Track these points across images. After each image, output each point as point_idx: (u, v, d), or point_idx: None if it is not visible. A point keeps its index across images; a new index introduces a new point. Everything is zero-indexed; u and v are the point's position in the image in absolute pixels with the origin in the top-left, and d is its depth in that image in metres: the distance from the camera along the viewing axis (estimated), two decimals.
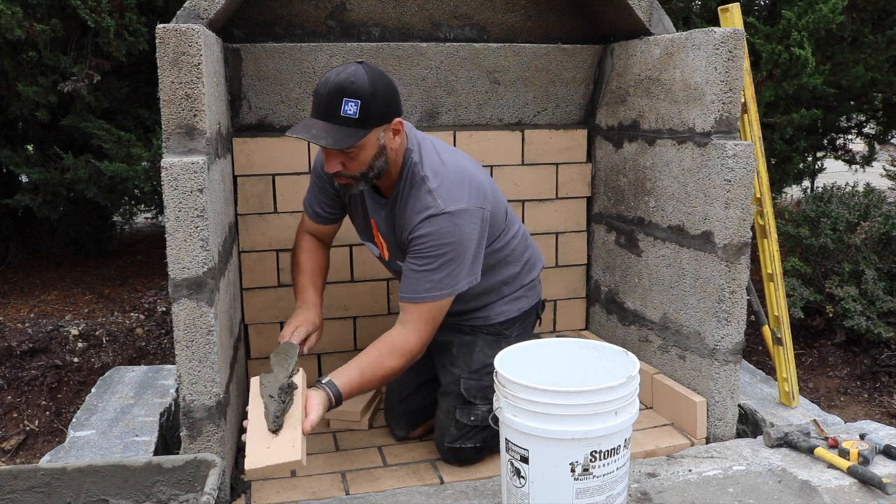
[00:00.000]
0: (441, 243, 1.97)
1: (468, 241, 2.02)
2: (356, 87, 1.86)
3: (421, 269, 1.99)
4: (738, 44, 2.21)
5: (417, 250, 2.00)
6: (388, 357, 1.99)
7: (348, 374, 1.94)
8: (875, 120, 5.05)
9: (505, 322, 2.30)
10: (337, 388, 1.91)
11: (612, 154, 2.85)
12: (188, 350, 1.88)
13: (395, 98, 1.97)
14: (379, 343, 2.01)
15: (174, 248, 1.83)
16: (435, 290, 2.00)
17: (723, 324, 2.28)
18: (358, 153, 1.93)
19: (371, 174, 1.99)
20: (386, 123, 1.95)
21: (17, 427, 2.84)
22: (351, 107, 1.86)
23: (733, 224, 2.23)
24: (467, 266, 2.03)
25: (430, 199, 1.98)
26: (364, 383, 1.96)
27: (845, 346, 3.32)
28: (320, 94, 1.89)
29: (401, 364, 2.00)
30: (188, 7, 2.15)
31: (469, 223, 2.01)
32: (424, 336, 2.03)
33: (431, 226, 1.97)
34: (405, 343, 2.00)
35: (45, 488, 1.72)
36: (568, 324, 3.12)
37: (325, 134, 1.87)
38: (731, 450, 2.24)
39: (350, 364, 1.97)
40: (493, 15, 2.79)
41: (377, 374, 1.98)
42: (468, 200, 2.01)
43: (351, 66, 1.90)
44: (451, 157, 2.10)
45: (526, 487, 1.73)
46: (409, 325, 2.02)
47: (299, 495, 2.07)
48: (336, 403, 1.91)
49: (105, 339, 3.33)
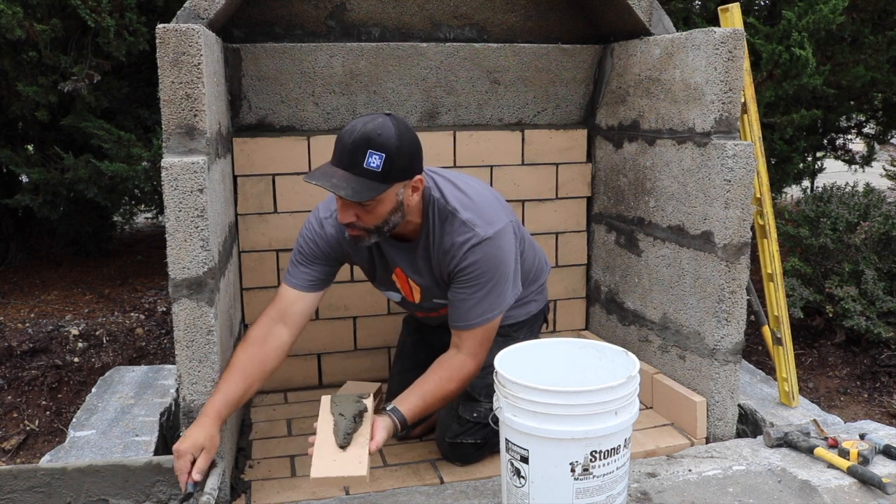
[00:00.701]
0: (488, 268, 1.99)
1: (509, 259, 2.05)
2: (382, 141, 1.81)
3: (472, 297, 2.01)
4: (738, 44, 2.21)
5: (465, 280, 2.00)
6: (447, 381, 2.01)
7: (412, 401, 1.97)
8: (875, 120, 5.05)
9: (514, 325, 2.30)
10: (402, 413, 1.94)
11: (612, 154, 2.85)
12: (188, 350, 1.88)
13: (418, 155, 1.93)
14: (439, 368, 2.03)
15: (174, 248, 1.84)
16: (487, 312, 2.02)
17: (723, 324, 2.28)
18: (375, 207, 1.88)
19: (385, 228, 1.95)
20: (407, 180, 1.91)
21: (18, 427, 2.84)
22: (375, 160, 1.81)
23: (733, 224, 2.23)
24: (511, 281, 2.07)
25: (466, 229, 1.99)
26: (427, 408, 2.00)
27: (845, 346, 3.32)
28: (344, 143, 1.84)
29: (461, 387, 2.04)
30: (188, 7, 2.15)
31: (507, 241, 2.03)
32: (481, 357, 2.06)
33: (476, 254, 1.98)
34: (463, 367, 2.03)
35: (46, 488, 1.72)
36: (568, 324, 3.12)
37: (345, 184, 1.82)
38: (731, 450, 2.24)
39: (412, 390, 2.00)
40: (493, 15, 2.79)
41: (438, 398, 2.01)
42: (501, 219, 2.03)
43: (379, 118, 1.85)
44: (465, 183, 2.11)
45: (526, 487, 1.73)
46: (464, 350, 2.04)
47: (299, 495, 2.07)
48: (401, 428, 1.95)
49: (105, 339, 3.33)
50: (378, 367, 2.87)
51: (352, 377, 2.80)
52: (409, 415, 1.96)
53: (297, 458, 2.28)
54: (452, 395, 2.04)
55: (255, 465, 2.25)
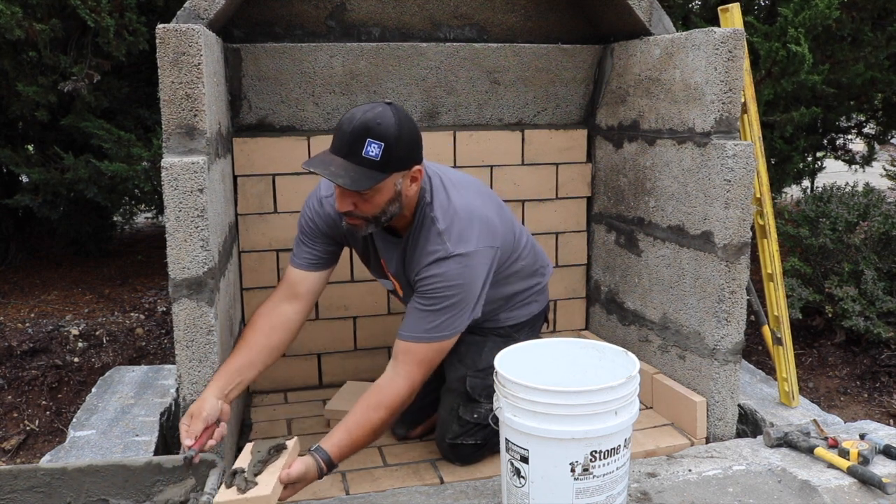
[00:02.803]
0: (448, 285, 1.94)
1: (475, 283, 1.98)
2: (382, 129, 1.80)
3: (424, 309, 1.95)
4: (738, 44, 2.22)
5: (424, 291, 1.96)
6: (374, 410, 1.89)
7: (336, 437, 1.86)
8: (875, 120, 5.05)
9: (515, 325, 2.30)
10: (325, 452, 1.83)
11: (612, 154, 2.85)
12: (188, 350, 1.88)
13: (418, 145, 1.91)
14: (367, 395, 1.93)
15: (174, 248, 1.84)
16: (435, 331, 1.95)
17: (723, 324, 2.28)
18: (373, 196, 1.87)
19: (383, 218, 1.93)
20: (406, 170, 1.89)
21: (18, 427, 2.84)
22: (374, 148, 1.80)
23: (733, 224, 2.23)
24: (470, 308, 2.00)
25: (438, 241, 1.95)
26: (354, 441, 1.87)
27: (845, 346, 3.32)
28: (343, 131, 1.83)
29: (389, 415, 1.92)
30: (188, 7, 2.15)
31: (478, 265, 1.98)
32: (416, 380, 1.95)
33: (439, 268, 1.94)
34: (392, 393, 1.92)
35: (46, 488, 1.72)
36: (568, 324, 3.12)
37: (343, 173, 1.80)
38: (731, 450, 2.24)
39: (338, 426, 1.89)
40: (493, 15, 2.79)
41: (366, 429, 1.88)
42: (476, 242, 1.97)
43: (378, 107, 1.84)
44: (459, 195, 2.04)
45: (526, 487, 1.73)
46: (400, 368, 1.95)
47: (299, 495, 2.07)
48: (327, 468, 1.83)
49: (105, 339, 3.33)
50: (378, 367, 2.84)
51: (352, 377, 2.80)
52: (334, 451, 1.83)
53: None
54: (382, 425, 1.91)
55: None
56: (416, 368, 1.95)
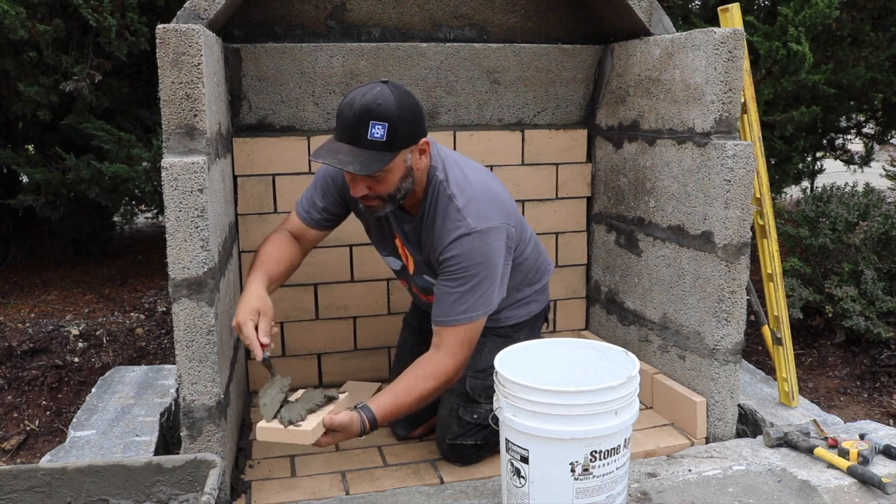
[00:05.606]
0: (472, 263, 1.96)
1: (497, 259, 2.01)
2: (383, 110, 1.81)
3: (454, 291, 1.97)
4: (738, 44, 2.22)
5: (450, 271, 1.98)
6: (422, 380, 1.97)
7: (382, 398, 1.95)
8: (875, 120, 5.05)
9: (515, 325, 2.30)
10: (371, 411, 1.91)
11: (612, 154, 2.85)
12: (188, 350, 1.88)
13: (420, 118, 1.92)
14: (414, 366, 2.00)
15: (174, 248, 1.84)
16: (470, 311, 1.98)
17: (723, 324, 2.28)
18: (385, 176, 1.89)
19: (399, 195, 1.96)
20: (413, 144, 1.91)
21: (18, 427, 2.84)
22: (378, 130, 1.81)
23: (733, 224, 2.23)
24: (498, 284, 2.03)
25: (459, 217, 1.96)
26: (399, 405, 1.96)
27: (845, 346, 3.32)
28: (345, 117, 1.84)
29: (436, 386, 1.98)
30: (188, 7, 2.15)
31: (498, 241, 2.00)
32: (460, 358, 2.01)
33: (463, 246, 1.95)
34: (440, 366, 1.99)
35: (46, 488, 1.72)
36: (568, 324, 3.12)
37: (352, 159, 1.82)
38: (731, 450, 2.24)
39: (385, 390, 1.99)
40: (493, 15, 2.79)
41: (412, 396, 1.96)
42: (496, 218, 2.00)
43: (376, 87, 1.84)
44: (473, 173, 2.08)
45: (526, 487, 1.73)
46: (444, 349, 2.00)
47: (299, 495, 2.07)
48: (370, 426, 1.90)
49: (105, 339, 3.33)
50: (378, 367, 2.87)
51: (352, 377, 2.80)
52: (379, 411, 1.92)
53: (298, 458, 2.28)
54: (428, 394, 1.98)
55: (256, 465, 2.25)
56: (459, 347, 2.00)
